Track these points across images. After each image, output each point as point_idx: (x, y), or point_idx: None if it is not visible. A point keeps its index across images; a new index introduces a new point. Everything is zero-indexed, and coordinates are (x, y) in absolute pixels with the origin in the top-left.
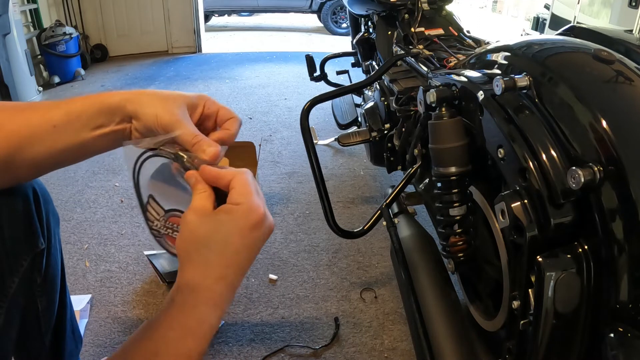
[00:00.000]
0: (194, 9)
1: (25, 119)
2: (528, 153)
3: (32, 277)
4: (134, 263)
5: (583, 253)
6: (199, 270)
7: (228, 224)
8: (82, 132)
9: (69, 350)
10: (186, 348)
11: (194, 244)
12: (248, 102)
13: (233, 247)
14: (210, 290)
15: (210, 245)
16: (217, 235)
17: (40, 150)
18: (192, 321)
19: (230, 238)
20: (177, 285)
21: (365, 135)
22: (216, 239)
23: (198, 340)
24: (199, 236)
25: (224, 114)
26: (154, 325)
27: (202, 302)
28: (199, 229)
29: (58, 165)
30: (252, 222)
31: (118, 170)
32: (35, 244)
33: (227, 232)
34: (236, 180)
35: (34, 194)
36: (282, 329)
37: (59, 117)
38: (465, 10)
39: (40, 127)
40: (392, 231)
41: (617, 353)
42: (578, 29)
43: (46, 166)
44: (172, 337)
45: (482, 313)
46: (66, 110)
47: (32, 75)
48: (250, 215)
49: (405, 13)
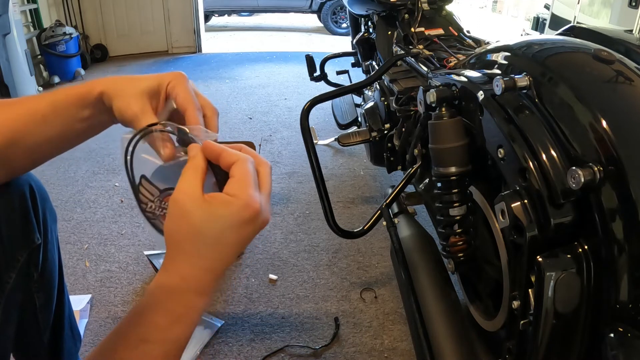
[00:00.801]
0: (194, 9)
1: (15, 113)
2: (528, 153)
3: (29, 272)
4: (134, 263)
5: (583, 253)
6: (190, 260)
7: (224, 218)
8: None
9: (67, 348)
10: (174, 334)
11: (186, 232)
12: (248, 102)
13: (226, 242)
14: (199, 280)
15: (204, 236)
16: (212, 228)
17: (33, 141)
18: (181, 307)
19: (224, 232)
20: (166, 268)
21: (365, 135)
22: (211, 232)
23: (185, 326)
24: (192, 224)
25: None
26: (142, 310)
27: (190, 290)
28: (193, 216)
29: (53, 153)
30: (247, 217)
31: (118, 170)
32: (32, 240)
33: (222, 226)
34: (237, 167)
35: (30, 190)
36: (282, 329)
37: (46, 108)
38: (465, 10)
39: (29, 118)
40: (392, 231)
41: (617, 353)
42: (578, 29)
43: (41, 156)
44: (160, 323)
45: (482, 313)
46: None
47: (32, 75)
48: (247, 210)
49: (405, 13)
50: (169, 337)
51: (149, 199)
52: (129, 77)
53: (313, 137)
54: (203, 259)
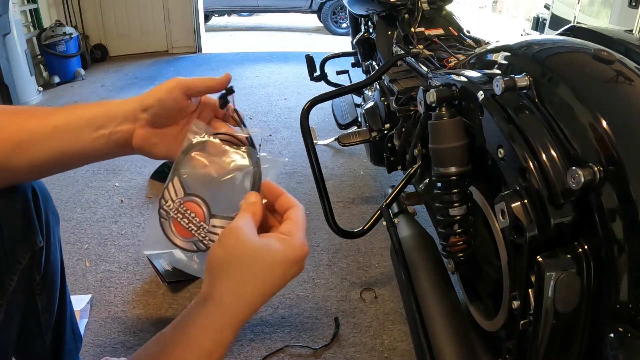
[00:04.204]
0: (194, 9)
1: (25, 120)
2: (528, 153)
3: (31, 274)
4: (134, 263)
5: (583, 253)
6: (233, 290)
7: (277, 252)
8: (82, 134)
9: (68, 349)
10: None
11: (237, 258)
12: (248, 102)
13: (273, 277)
14: (237, 315)
15: (253, 267)
16: (264, 260)
17: (38, 152)
18: (214, 346)
19: (274, 267)
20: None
21: (365, 135)
22: (261, 263)
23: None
24: (245, 252)
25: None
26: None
27: (225, 324)
28: (248, 245)
29: (58, 168)
30: (297, 256)
31: (118, 170)
32: (34, 242)
33: (273, 260)
34: (294, 211)
35: (33, 192)
36: (282, 329)
37: (59, 118)
38: (465, 10)
39: (39, 128)
40: (392, 231)
41: (617, 353)
42: (578, 29)
43: (45, 168)
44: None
45: (482, 313)
46: (67, 112)
47: (32, 75)
48: (299, 250)
49: (405, 13)
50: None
51: (171, 197)
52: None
53: (313, 137)
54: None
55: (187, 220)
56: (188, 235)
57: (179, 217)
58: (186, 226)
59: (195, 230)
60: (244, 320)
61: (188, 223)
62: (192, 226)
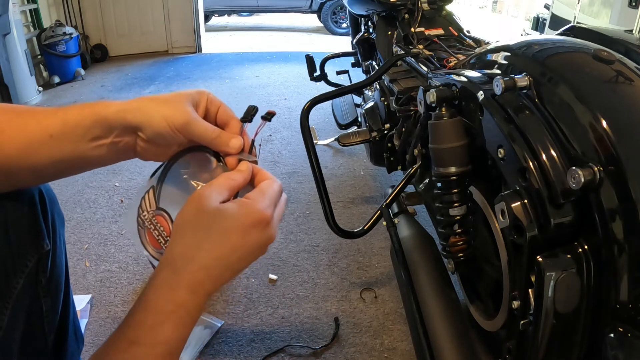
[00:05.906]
0: (194, 9)
1: (23, 124)
2: (528, 153)
3: (37, 278)
4: (134, 263)
5: (583, 253)
6: (186, 252)
7: (234, 217)
8: (80, 144)
9: (70, 350)
10: (164, 335)
11: (194, 222)
12: (248, 102)
13: (230, 240)
14: (191, 274)
15: (209, 230)
16: (220, 223)
17: (39, 159)
18: (170, 305)
19: (231, 232)
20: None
21: (365, 135)
22: (217, 227)
23: (175, 326)
24: (202, 217)
25: (224, 111)
26: (133, 309)
27: (181, 286)
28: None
29: (61, 174)
30: (256, 220)
31: (118, 171)
32: (41, 245)
33: (230, 225)
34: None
35: (40, 195)
36: (282, 329)
37: (55, 126)
38: (465, 10)
39: (37, 135)
40: (392, 231)
41: (617, 353)
42: (578, 29)
43: (48, 174)
44: (149, 323)
45: (482, 313)
46: (62, 119)
47: (32, 75)
48: (257, 214)
49: (405, 13)
50: (158, 339)
51: (146, 208)
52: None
53: (313, 137)
54: (201, 254)
55: (157, 232)
56: (158, 247)
57: (152, 228)
58: (157, 238)
59: (163, 243)
60: (202, 282)
61: (158, 235)
62: (161, 239)
